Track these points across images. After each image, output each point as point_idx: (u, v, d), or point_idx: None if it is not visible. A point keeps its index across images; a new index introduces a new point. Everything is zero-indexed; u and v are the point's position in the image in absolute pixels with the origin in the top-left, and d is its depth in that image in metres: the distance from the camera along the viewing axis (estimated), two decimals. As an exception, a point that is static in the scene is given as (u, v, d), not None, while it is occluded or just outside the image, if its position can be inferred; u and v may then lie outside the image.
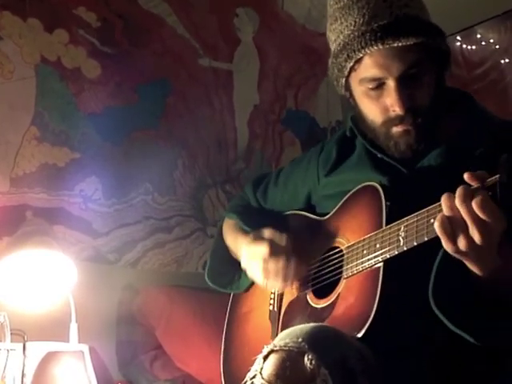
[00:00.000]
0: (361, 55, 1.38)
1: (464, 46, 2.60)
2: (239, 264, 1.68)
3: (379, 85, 1.39)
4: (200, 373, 2.17)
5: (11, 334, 1.62)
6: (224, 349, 1.70)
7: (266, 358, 1.18)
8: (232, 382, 1.61)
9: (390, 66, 1.36)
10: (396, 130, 1.41)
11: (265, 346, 1.20)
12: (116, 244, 2.33)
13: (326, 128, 2.81)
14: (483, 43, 2.56)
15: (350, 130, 1.57)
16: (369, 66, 1.38)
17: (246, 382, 1.22)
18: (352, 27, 1.39)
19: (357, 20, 1.39)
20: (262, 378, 1.16)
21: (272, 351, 1.18)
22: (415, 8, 1.40)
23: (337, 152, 1.59)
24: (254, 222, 1.68)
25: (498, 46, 2.53)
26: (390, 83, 1.37)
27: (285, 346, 1.16)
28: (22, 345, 1.72)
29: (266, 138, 2.68)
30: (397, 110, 1.38)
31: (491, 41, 2.54)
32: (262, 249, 1.52)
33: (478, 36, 2.57)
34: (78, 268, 1.91)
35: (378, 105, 1.41)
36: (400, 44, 1.34)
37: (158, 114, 2.46)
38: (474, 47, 2.59)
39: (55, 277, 1.88)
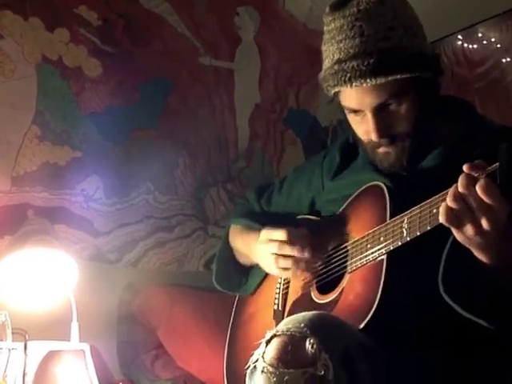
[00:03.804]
0: (336, 90, 1.44)
1: (465, 44, 2.60)
2: (246, 267, 1.72)
3: (360, 111, 1.44)
4: (201, 372, 2.17)
5: (12, 333, 1.62)
6: (228, 350, 1.71)
7: (268, 342, 1.20)
8: (236, 382, 1.62)
9: (363, 102, 1.41)
10: (379, 150, 1.46)
11: (267, 331, 1.22)
12: (117, 243, 2.33)
13: (328, 127, 2.80)
14: (484, 42, 2.56)
15: (353, 136, 1.60)
16: (347, 98, 1.44)
17: (249, 366, 1.24)
18: (330, 61, 1.45)
19: (334, 55, 1.43)
20: (264, 361, 1.18)
21: (274, 336, 1.20)
22: (395, 37, 1.40)
23: (340, 157, 1.63)
24: (261, 222, 1.70)
25: (499, 45, 2.53)
26: (367, 113, 1.42)
27: (287, 331, 1.18)
28: (23, 344, 1.72)
29: (267, 137, 2.68)
30: (373, 138, 1.42)
31: (492, 40, 2.54)
32: (280, 233, 1.55)
33: (480, 35, 2.57)
34: (79, 267, 1.91)
35: (361, 127, 1.47)
36: (369, 84, 1.37)
37: (159, 113, 2.46)
38: (475, 46, 2.59)
39: (56, 276, 1.88)
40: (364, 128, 1.45)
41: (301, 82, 2.77)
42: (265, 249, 1.58)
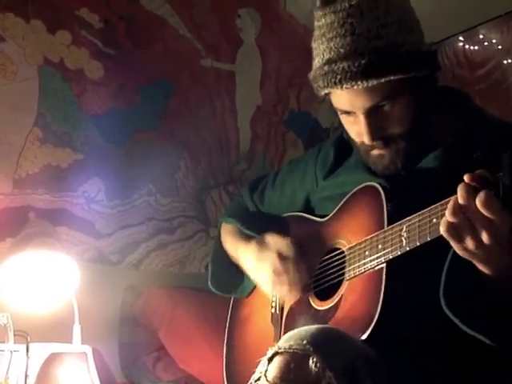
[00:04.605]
0: (326, 91, 1.39)
1: (466, 46, 2.60)
2: (240, 268, 1.69)
3: (352, 112, 1.39)
4: (202, 374, 2.17)
5: (14, 335, 1.63)
6: (226, 352, 1.71)
7: (270, 360, 1.18)
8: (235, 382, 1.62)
9: (355, 104, 1.36)
10: (372, 153, 1.42)
11: (269, 348, 1.20)
12: (119, 245, 2.33)
13: (329, 129, 2.80)
14: (486, 43, 2.56)
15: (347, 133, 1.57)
16: (337, 100, 1.39)
17: (250, 383, 1.22)
18: (320, 61, 1.38)
19: (324, 55, 1.37)
20: (267, 380, 1.16)
21: (276, 353, 1.18)
22: (389, 35, 1.34)
23: (334, 154, 1.59)
24: (253, 225, 1.68)
25: (500, 47, 2.52)
26: (360, 115, 1.37)
27: (289, 348, 1.16)
28: (25, 346, 1.72)
29: (269, 139, 2.68)
30: (365, 140, 1.38)
31: (494, 41, 2.54)
32: (271, 260, 1.52)
33: (481, 36, 2.56)
34: (80, 269, 1.91)
35: (353, 129, 1.42)
36: (360, 87, 1.32)
37: (160, 115, 2.46)
38: (476, 47, 2.58)
39: (58, 278, 1.88)
40: (356, 129, 1.40)
41: (302, 83, 2.76)
42: (260, 275, 1.56)
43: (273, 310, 1.61)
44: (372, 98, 1.34)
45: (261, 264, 1.56)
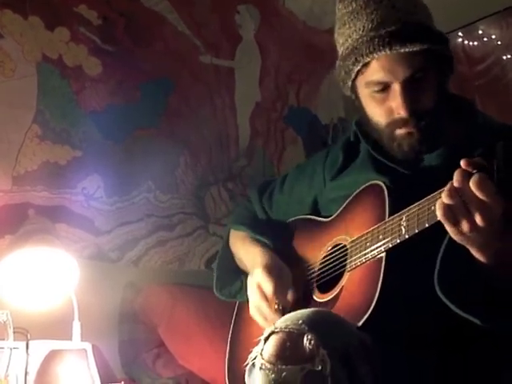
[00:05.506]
0: (368, 59, 1.42)
1: (466, 42, 2.60)
2: (247, 272, 1.71)
3: (385, 88, 1.43)
4: (203, 370, 2.17)
5: (14, 332, 1.62)
6: (229, 351, 1.71)
7: (266, 339, 1.21)
8: (237, 382, 1.62)
9: (396, 71, 1.40)
10: (399, 132, 1.44)
11: (266, 328, 1.23)
12: (118, 242, 2.33)
13: (328, 125, 2.80)
14: (485, 39, 2.56)
15: (354, 134, 1.60)
16: (376, 70, 1.43)
17: (247, 363, 1.25)
18: (360, 32, 1.44)
19: (365, 25, 1.43)
20: (263, 358, 1.18)
21: (273, 333, 1.20)
22: (421, 15, 1.44)
23: (342, 157, 1.63)
24: (263, 232, 1.71)
25: (499, 42, 2.53)
26: (396, 87, 1.41)
27: (285, 328, 1.19)
28: (25, 343, 1.72)
29: (268, 136, 2.68)
30: (401, 113, 1.41)
31: (493, 37, 2.54)
32: (268, 285, 1.55)
33: (480, 32, 2.57)
34: (80, 266, 1.91)
35: (383, 107, 1.45)
36: (407, 50, 1.38)
37: (160, 112, 2.46)
38: (475, 43, 2.59)
39: (57, 275, 1.88)
40: (387, 106, 1.44)
41: (301, 79, 2.77)
42: (252, 288, 1.59)
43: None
44: (412, 65, 1.40)
45: (252, 289, 1.60)
